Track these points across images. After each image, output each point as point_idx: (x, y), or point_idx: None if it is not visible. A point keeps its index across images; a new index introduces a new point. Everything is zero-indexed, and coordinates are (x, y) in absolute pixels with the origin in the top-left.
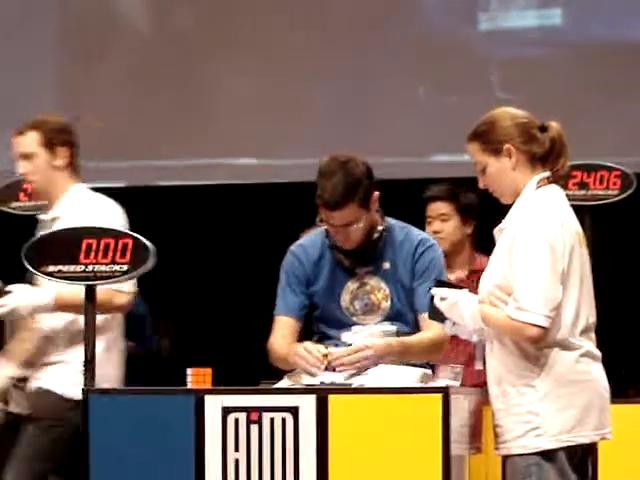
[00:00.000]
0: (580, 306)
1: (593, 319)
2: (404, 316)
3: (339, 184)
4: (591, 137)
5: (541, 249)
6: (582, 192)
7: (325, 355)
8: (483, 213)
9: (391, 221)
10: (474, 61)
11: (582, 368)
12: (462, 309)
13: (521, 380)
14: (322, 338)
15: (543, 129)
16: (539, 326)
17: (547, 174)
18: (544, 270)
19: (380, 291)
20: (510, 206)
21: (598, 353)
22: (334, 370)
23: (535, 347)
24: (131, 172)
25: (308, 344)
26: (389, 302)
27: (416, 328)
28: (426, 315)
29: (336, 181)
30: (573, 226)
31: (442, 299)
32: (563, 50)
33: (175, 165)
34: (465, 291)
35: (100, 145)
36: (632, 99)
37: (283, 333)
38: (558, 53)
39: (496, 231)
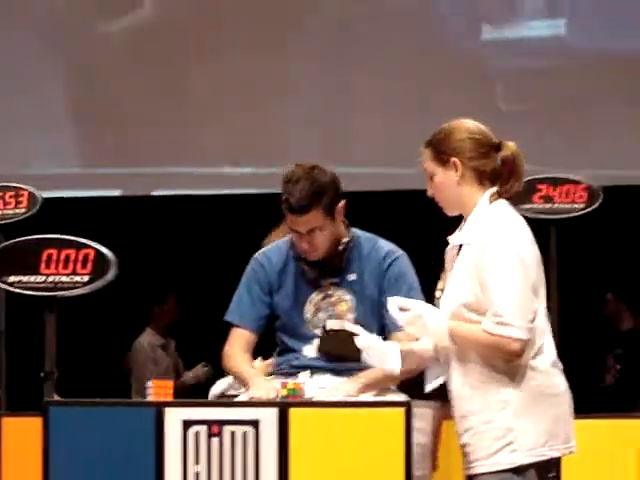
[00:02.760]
0: (546, 317)
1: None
2: (369, 328)
3: (304, 189)
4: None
5: (514, 262)
6: (548, 205)
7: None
8: (428, 228)
9: (357, 232)
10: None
11: (553, 381)
12: (428, 324)
13: (491, 396)
14: (283, 350)
15: (497, 147)
16: (522, 339)
17: (495, 189)
18: (520, 283)
19: (345, 303)
20: (454, 221)
21: (561, 364)
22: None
23: (507, 361)
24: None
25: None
26: (354, 313)
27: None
28: (398, 334)
29: (302, 186)
30: (534, 240)
31: (403, 310)
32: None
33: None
34: (429, 305)
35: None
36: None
37: (239, 344)
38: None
39: (449, 249)
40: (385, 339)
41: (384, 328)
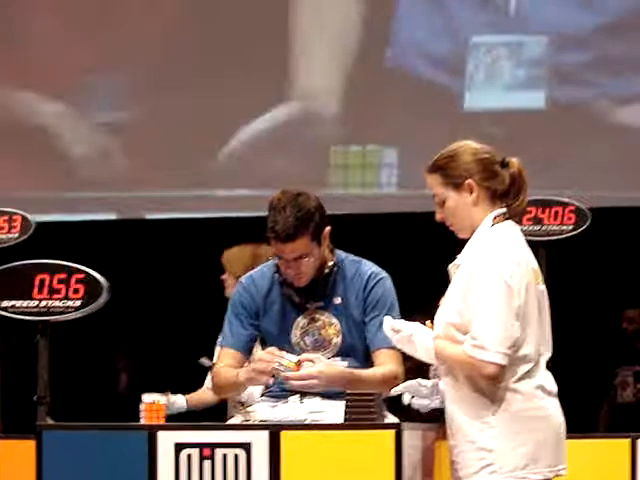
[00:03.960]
0: (538, 343)
1: (549, 354)
2: (356, 351)
3: (291, 216)
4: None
5: (497, 287)
6: (537, 227)
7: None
8: (438, 248)
9: (341, 255)
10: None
11: (537, 404)
12: (416, 343)
13: (476, 416)
14: (273, 374)
15: (504, 165)
16: (496, 364)
17: (503, 210)
18: (501, 308)
19: (331, 326)
20: (464, 241)
21: (554, 389)
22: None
23: (490, 384)
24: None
25: (268, 353)
26: (340, 337)
27: (368, 363)
28: (379, 352)
29: (288, 214)
30: (529, 263)
31: (395, 331)
32: None
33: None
34: (418, 324)
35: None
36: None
37: (228, 363)
38: None
39: (451, 267)
40: (370, 359)
41: (368, 348)
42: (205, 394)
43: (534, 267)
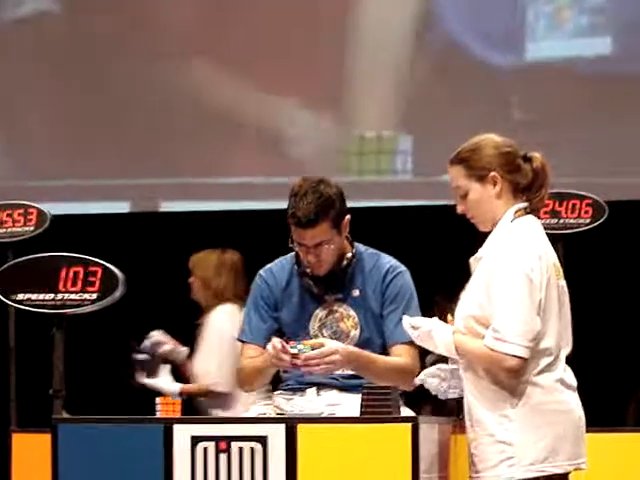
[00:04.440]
0: (559, 337)
1: (569, 349)
2: (373, 344)
3: (312, 202)
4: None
5: (519, 280)
6: (554, 221)
7: (294, 354)
8: (459, 241)
9: (360, 248)
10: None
11: (558, 398)
12: (436, 338)
13: (496, 409)
14: None
15: (526, 159)
16: (518, 357)
17: (525, 204)
18: (522, 301)
19: (349, 319)
20: (485, 234)
21: (574, 383)
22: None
23: (507, 377)
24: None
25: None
26: (358, 330)
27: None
28: (396, 346)
29: (309, 200)
30: (550, 258)
31: (415, 328)
32: None
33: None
34: (437, 320)
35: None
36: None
37: (251, 356)
38: None
39: (472, 260)
40: (386, 353)
41: (385, 342)
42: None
43: (555, 262)
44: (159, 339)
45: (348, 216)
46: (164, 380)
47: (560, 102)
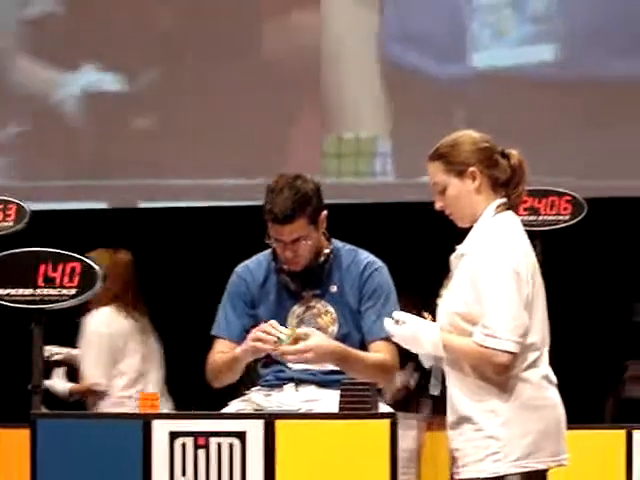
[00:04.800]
0: (542, 332)
1: (548, 345)
2: (352, 339)
3: (289, 198)
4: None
5: (507, 276)
6: (533, 217)
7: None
8: (438, 237)
9: (338, 244)
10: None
11: (543, 394)
12: (422, 337)
13: (482, 405)
14: (268, 362)
15: (504, 155)
16: (509, 352)
17: (504, 200)
18: (511, 296)
19: (327, 314)
20: (465, 231)
21: (554, 379)
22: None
23: (496, 374)
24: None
25: (268, 325)
26: (336, 325)
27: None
28: (375, 342)
29: (286, 196)
30: (532, 254)
31: (399, 323)
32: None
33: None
34: (420, 319)
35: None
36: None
37: (223, 351)
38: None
39: (453, 257)
40: (364, 349)
41: (363, 338)
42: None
43: (534, 258)
44: (52, 351)
45: (325, 212)
46: (56, 382)
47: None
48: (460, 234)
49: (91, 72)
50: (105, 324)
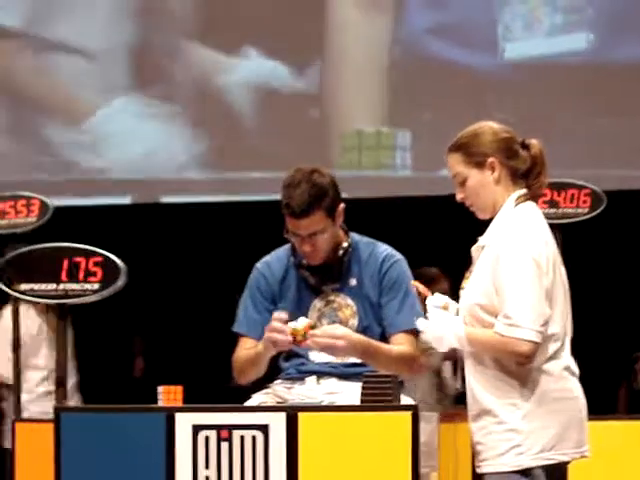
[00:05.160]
0: (565, 323)
1: (570, 335)
2: (372, 332)
3: (305, 192)
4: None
5: (527, 266)
6: (552, 210)
7: (293, 331)
8: (459, 229)
9: (356, 237)
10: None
11: (564, 385)
12: (448, 333)
13: (503, 398)
14: (289, 356)
15: (524, 146)
16: (531, 341)
17: (525, 191)
18: (532, 286)
19: (347, 308)
20: (485, 223)
21: (577, 371)
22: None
23: (518, 364)
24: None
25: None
26: (357, 319)
27: None
28: (396, 335)
29: (302, 189)
30: (554, 244)
31: (441, 308)
32: None
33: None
34: (446, 314)
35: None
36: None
37: (247, 349)
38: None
39: (474, 249)
40: (385, 342)
41: (384, 331)
42: None
43: (556, 249)
44: None
45: (342, 205)
46: None
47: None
48: (481, 226)
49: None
50: (9, 319)
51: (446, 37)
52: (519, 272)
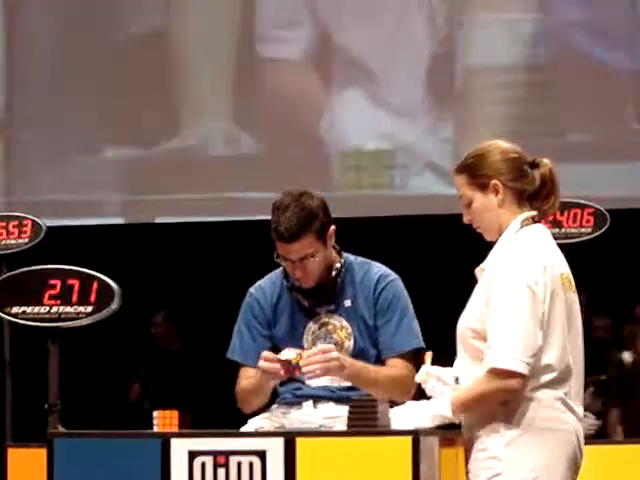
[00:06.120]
0: (563, 352)
1: (581, 366)
2: (367, 354)
3: (294, 215)
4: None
5: (520, 293)
6: (555, 230)
7: (285, 361)
8: (466, 250)
9: (350, 257)
10: None
11: (554, 415)
12: (437, 410)
13: (488, 424)
14: (284, 381)
15: (534, 165)
16: (518, 373)
17: (533, 213)
18: (523, 315)
19: (343, 330)
20: (489, 244)
21: (579, 409)
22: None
23: (515, 394)
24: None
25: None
26: (352, 340)
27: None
28: (391, 358)
29: (291, 213)
30: (557, 269)
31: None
32: None
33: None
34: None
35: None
36: None
37: (248, 378)
38: None
39: (477, 270)
40: (381, 364)
41: (380, 354)
42: None
43: (563, 273)
44: None
45: (333, 227)
46: None
47: None
48: (484, 247)
49: None
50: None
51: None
52: (511, 299)
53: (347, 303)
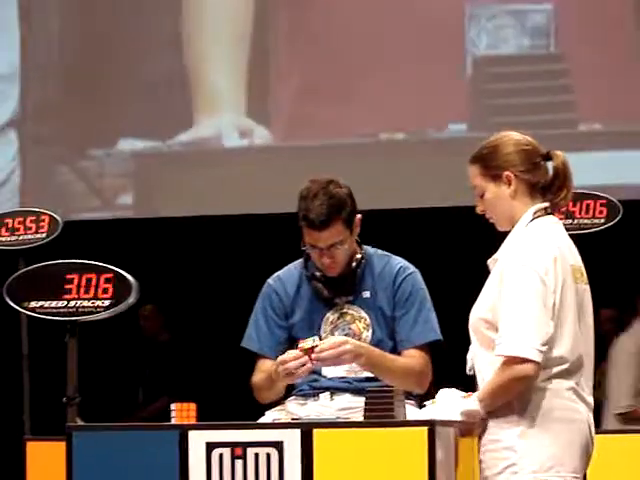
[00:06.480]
0: (574, 343)
1: (590, 358)
2: (384, 345)
3: (323, 203)
4: None
5: (531, 284)
6: (568, 221)
7: (305, 350)
8: (479, 242)
9: (369, 250)
10: None
11: (567, 405)
12: (467, 406)
13: (502, 415)
14: None
15: (547, 157)
16: (531, 360)
17: (545, 205)
18: (535, 304)
19: (361, 320)
20: (505, 235)
21: (590, 399)
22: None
23: (528, 383)
24: None
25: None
26: (370, 331)
27: None
28: (409, 351)
29: (320, 201)
30: (568, 260)
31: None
32: None
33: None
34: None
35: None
36: None
37: (264, 371)
38: None
39: (490, 262)
40: (399, 355)
41: (396, 345)
42: None
43: (575, 265)
44: None
45: (359, 215)
46: None
47: None
48: (499, 238)
49: None
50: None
51: None
52: (522, 290)
53: (366, 294)
